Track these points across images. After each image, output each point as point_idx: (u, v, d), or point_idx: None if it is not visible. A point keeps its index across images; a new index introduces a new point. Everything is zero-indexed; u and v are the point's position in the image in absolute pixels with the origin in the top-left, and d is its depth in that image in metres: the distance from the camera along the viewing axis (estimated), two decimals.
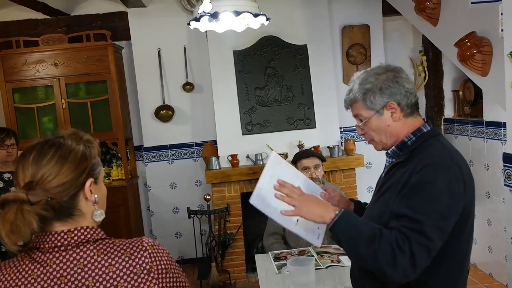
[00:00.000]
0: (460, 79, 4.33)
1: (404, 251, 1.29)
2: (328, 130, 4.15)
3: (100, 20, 4.41)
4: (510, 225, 2.32)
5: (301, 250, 2.69)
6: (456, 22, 3.14)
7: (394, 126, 1.49)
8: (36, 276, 0.94)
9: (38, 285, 0.94)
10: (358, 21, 4.41)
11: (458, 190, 1.35)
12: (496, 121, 3.57)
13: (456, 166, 1.38)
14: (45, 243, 0.97)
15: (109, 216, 4.16)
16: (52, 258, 0.96)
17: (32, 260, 0.96)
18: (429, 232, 1.30)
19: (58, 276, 0.94)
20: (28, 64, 4.09)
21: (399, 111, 1.47)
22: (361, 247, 1.34)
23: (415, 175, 1.36)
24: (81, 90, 4.24)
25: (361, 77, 1.52)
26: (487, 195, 3.74)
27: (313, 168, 2.90)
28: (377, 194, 1.55)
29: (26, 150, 1.03)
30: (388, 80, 1.47)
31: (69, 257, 0.96)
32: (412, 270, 1.30)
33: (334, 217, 1.39)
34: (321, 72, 4.15)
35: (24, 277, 0.94)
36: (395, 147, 1.52)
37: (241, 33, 2.98)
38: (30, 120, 4.15)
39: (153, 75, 4.40)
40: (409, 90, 1.48)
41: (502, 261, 3.57)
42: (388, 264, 1.30)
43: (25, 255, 0.97)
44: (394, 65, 1.53)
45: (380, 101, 1.48)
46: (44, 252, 0.96)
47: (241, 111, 4.09)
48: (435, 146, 1.44)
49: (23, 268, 0.95)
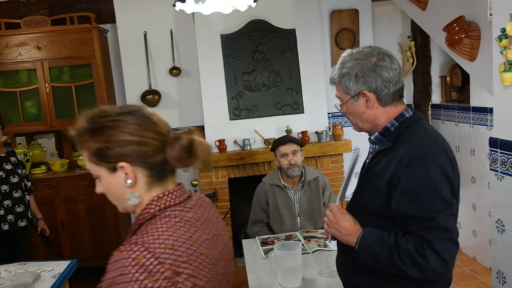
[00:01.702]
0: (447, 64, 4.34)
1: (426, 257, 1.30)
2: (316, 115, 4.13)
3: (84, 2, 4.30)
4: (494, 210, 2.34)
5: (288, 235, 2.70)
6: (444, 6, 3.13)
7: (369, 113, 1.48)
8: (196, 219, 1.07)
9: (202, 224, 1.08)
10: (347, 6, 4.37)
11: (450, 174, 1.38)
12: (482, 107, 3.59)
13: (443, 151, 1.40)
14: (180, 197, 1.09)
15: (96, 202, 4.11)
16: (193, 206, 1.11)
17: (184, 212, 1.07)
18: (444, 224, 1.32)
19: (205, 217, 1.12)
20: (10, 47, 3.99)
21: (374, 100, 1.45)
22: (386, 266, 1.38)
23: (405, 169, 1.34)
24: (65, 74, 4.15)
25: (342, 59, 1.49)
26: (472, 180, 3.78)
27: (291, 154, 2.88)
28: (363, 180, 1.54)
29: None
30: (366, 68, 1.42)
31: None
32: (444, 267, 1.32)
33: (356, 245, 1.43)
34: (310, 57, 4.12)
35: (190, 221, 1.05)
36: (378, 133, 1.50)
37: (229, 17, 2.94)
38: (13, 105, 4.06)
39: (139, 59, 4.33)
40: (389, 80, 1.42)
41: (486, 245, 3.62)
42: (415, 273, 1.33)
43: (173, 211, 1.05)
44: (381, 50, 1.46)
45: (354, 88, 1.45)
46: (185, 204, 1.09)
47: (228, 96, 4.05)
48: (418, 132, 1.43)
49: (186, 217, 1.06)
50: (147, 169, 1.04)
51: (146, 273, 0.91)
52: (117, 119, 1.03)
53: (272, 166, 3.94)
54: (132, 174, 1.03)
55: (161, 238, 0.97)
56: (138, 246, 0.94)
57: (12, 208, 3.15)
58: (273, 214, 2.94)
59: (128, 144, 1.02)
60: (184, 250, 0.98)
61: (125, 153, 1.02)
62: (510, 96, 2.15)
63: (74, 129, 1.06)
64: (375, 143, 1.54)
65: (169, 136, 1.06)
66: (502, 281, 2.29)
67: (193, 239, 1.02)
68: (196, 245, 1.01)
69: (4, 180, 3.12)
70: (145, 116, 1.06)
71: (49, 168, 4.30)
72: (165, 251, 0.95)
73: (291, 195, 2.93)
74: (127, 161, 1.02)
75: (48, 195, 3.96)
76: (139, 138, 1.02)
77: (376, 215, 1.43)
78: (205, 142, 1.08)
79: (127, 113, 1.04)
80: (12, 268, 2.33)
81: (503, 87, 2.17)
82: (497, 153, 2.29)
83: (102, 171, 1.05)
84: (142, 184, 1.05)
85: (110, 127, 1.02)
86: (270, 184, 2.97)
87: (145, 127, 1.03)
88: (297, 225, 2.90)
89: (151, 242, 0.95)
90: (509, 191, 2.22)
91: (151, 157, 1.03)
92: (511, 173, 2.20)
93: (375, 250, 1.38)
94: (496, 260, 2.35)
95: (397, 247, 1.34)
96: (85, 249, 4.08)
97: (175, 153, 1.04)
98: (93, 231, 4.10)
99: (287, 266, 2.00)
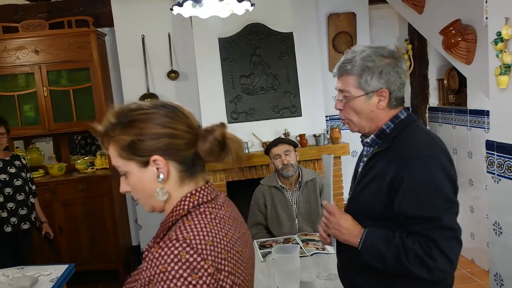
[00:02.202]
0: (445, 67, 4.35)
1: (432, 256, 1.30)
2: (314, 118, 4.14)
3: (82, 6, 4.31)
4: (492, 212, 2.35)
5: (287, 238, 2.70)
6: (441, 10, 3.15)
7: (376, 113, 1.45)
8: (228, 217, 1.05)
9: (234, 222, 1.06)
10: (344, 9, 4.39)
11: (451, 173, 1.39)
12: (479, 109, 3.60)
13: (442, 151, 1.41)
14: (211, 194, 1.06)
15: (94, 206, 4.12)
16: (223, 204, 1.09)
17: (215, 209, 1.04)
18: (449, 223, 1.33)
19: (234, 215, 1.11)
20: (7, 51, 3.99)
21: (387, 101, 1.43)
22: (392, 266, 1.37)
23: (407, 170, 1.34)
24: (63, 77, 4.15)
25: (365, 52, 1.42)
26: (470, 183, 3.79)
27: (284, 154, 2.90)
28: (360, 184, 1.51)
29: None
30: (390, 67, 1.41)
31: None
32: (449, 266, 1.33)
33: (359, 245, 1.42)
34: (307, 60, 4.13)
35: (223, 218, 1.03)
36: (374, 135, 1.48)
37: (226, 20, 2.95)
38: (10, 108, 4.06)
39: (137, 63, 4.34)
40: (403, 83, 1.44)
41: (484, 247, 3.63)
42: (423, 273, 1.33)
43: (208, 208, 1.02)
44: (398, 53, 1.47)
45: (374, 84, 1.41)
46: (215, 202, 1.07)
47: (226, 99, 4.06)
48: (415, 132, 1.43)
49: (220, 214, 1.03)
50: (179, 164, 1.01)
51: (190, 270, 0.88)
52: (149, 112, 1.01)
53: (270, 169, 3.94)
54: (165, 168, 1.00)
55: (201, 235, 0.94)
56: (180, 242, 0.91)
57: (15, 210, 3.16)
58: (271, 216, 2.94)
59: (161, 136, 0.99)
60: (222, 247, 0.96)
61: (158, 146, 0.99)
62: (506, 99, 2.16)
63: (103, 124, 1.02)
64: (370, 146, 1.52)
65: (201, 129, 1.04)
66: (500, 284, 2.30)
67: (228, 236, 1.00)
68: (232, 243, 0.99)
69: (7, 183, 3.14)
70: (176, 109, 1.04)
71: (47, 171, 4.29)
72: (207, 247, 0.92)
73: (288, 196, 2.94)
74: (159, 154, 0.99)
75: (46, 199, 3.95)
76: (172, 130, 1.00)
77: (377, 218, 1.42)
78: (236, 136, 1.06)
79: (158, 106, 1.02)
80: (10, 272, 2.33)
81: (499, 90, 2.19)
82: (494, 155, 2.30)
83: (132, 166, 1.01)
84: (174, 179, 1.02)
85: (141, 119, 1.00)
86: (268, 186, 2.98)
87: (177, 120, 1.01)
88: (296, 227, 2.90)
89: (192, 238, 0.92)
90: (506, 194, 2.23)
91: (183, 151, 1.01)
92: (507, 175, 2.21)
93: (380, 249, 1.37)
94: (493, 263, 2.35)
95: (404, 247, 1.33)
96: (83, 253, 4.07)
97: (208, 146, 1.01)
98: (91, 235, 4.09)
99: (285, 269, 2.00)
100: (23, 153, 4.24)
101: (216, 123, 1.05)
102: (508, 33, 2.07)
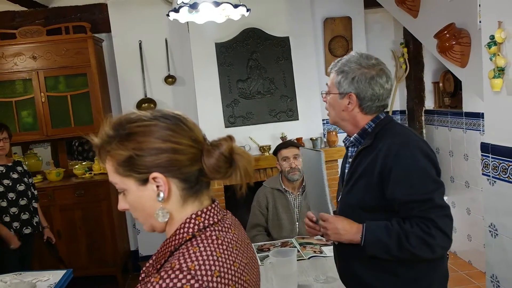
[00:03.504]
0: (440, 70, 4.38)
1: (432, 234, 1.41)
2: (310, 122, 4.16)
3: (79, 12, 4.33)
4: (487, 214, 2.37)
5: (284, 241, 2.71)
6: (435, 14, 3.17)
7: (347, 114, 1.59)
8: (235, 241, 0.96)
9: (241, 246, 0.97)
10: (339, 13, 4.42)
11: (433, 157, 1.50)
12: (475, 112, 3.63)
13: (421, 140, 1.55)
14: (218, 215, 0.98)
15: (92, 211, 4.10)
16: (231, 226, 1.00)
17: (222, 232, 0.95)
18: (440, 202, 1.44)
19: (242, 238, 1.01)
20: (5, 57, 4.00)
21: (356, 106, 1.56)
22: (397, 253, 1.45)
23: (393, 159, 1.45)
24: (61, 83, 4.16)
25: (348, 57, 1.59)
26: (466, 185, 3.81)
27: (292, 158, 2.92)
28: (349, 182, 1.59)
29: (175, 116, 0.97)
30: (363, 77, 1.54)
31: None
32: (447, 241, 1.44)
33: (361, 241, 1.49)
34: (303, 64, 4.16)
35: (231, 243, 0.95)
36: (357, 134, 1.61)
37: (223, 25, 2.97)
38: (8, 114, 4.06)
39: (135, 68, 4.35)
40: (377, 95, 1.55)
41: (481, 249, 3.64)
42: (426, 252, 1.43)
43: (214, 231, 0.94)
44: (383, 67, 1.57)
45: (344, 87, 1.56)
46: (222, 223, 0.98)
47: (223, 103, 4.07)
48: (395, 127, 1.57)
49: (228, 238, 0.95)
50: (182, 181, 0.92)
51: None
52: (149, 124, 0.91)
53: (267, 173, 3.96)
54: (165, 186, 0.90)
55: (207, 264, 0.84)
56: (184, 274, 0.81)
57: (18, 215, 3.17)
58: (272, 219, 2.95)
59: (161, 152, 0.89)
60: (230, 277, 0.87)
61: (158, 162, 0.89)
62: (500, 102, 2.18)
63: (99, 136, 0.93)
64: (355, 145, 1.63)
65: (206, 143, 0.95)
66: (496, 285, 2.31)
67: (236, 264, 0.90)
68: (240, 271, 0.90)
69: (11, 188, 3.15)
70: (179, 120, 0.94)
71: (45, 177, 4.30)
72: (213, 279, 0.83)
73: (291, 199, 2.95)
74: (160, 171, 0.90)
75: (44, 204, 3.94)
76: (174, 145, 0.90)
77: (372, 210, 1.51)
78: (246, 151, 0.97)
79: (159, 117, 0.93)
80: (8, 278, 2.33)
81: (493, 93, 2.21)
82: (489, 158, 2.32)
83: (130, 184, 0.92)
84: (176, 198, 0.93)
85: (141, 132, 0.90)
86: (270, 188, 2.99)
87: (180, 133, 0.91)
88: (296, 230, 2.91)
89: (197, 269, 0.83)
90: (501, 196, 2.25)
91: (186, 167, 0.91)
92: (502, 177, 2.23)
93: (382, 240, 1.45)
94: (490, 264, 2.37)
95: (404, 232, 1.43)
96: (81, 258, 4.07)
97: (213, 162, 0.92)
98: (89, 240, 4.10)
99: (282, 273, 2.01)
100: (21, 158, 4.24)
101: (223, 136, 0.96)
102: (501, 36, 2.09)
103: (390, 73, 1.59)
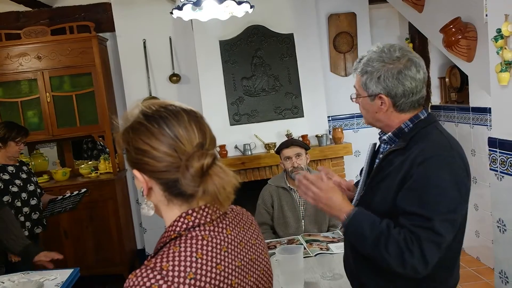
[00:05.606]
0: (446, 66, 4.35)
1: (412, 252, 1.29)
2: (316, 119, 4.15)
3: (83, 12, 4.34)
4: (495, 209, 2.34)
5: (290, 238, 2.70)
6: (441, 8, 3.14)
7: (382, 115, 1.46)
8: (228, 242, 0.95)
9: (236, 248, 0.96)
10: (344, 9, 4.40)
11: (462, 180, 1.35)
12: (481, 107, 3.59)
13: (458, 155, 1.38)
14: (213, 214, 0.96)
15: (99, 210, 4.10)
16: (228, 225, 0.99)
17: (212, 233, 0.94)
18: (438, 228, 1.29)
19: (241, 238, 1.00)
20: (10, 57, 4.02)
21: (390, 106, 1.43)
22: (368, 249, 1.36)
23: (418, 167, 1.33)
24: (66, 83, 4.18)
25: (370, 55, 1.44)
26: (474, 180, 3.78)
27: (295, 157, 2.90)
28: (374, 180, 1.50)
29: (175, 113, 0.96)
30: (389, 73, 1.39)
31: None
32: (423, 267, 1.30)
33: (345, 221, 1.41)
34: (308, 61, 4.14)
35: (220, 244, 0.93)
36: (391, 133, 1.48)
37: (227, 23, 2.96)
38: (14, 115, 4.08)
39: (139, 67, 4.36)
40: (410, 89, 1.40)
41: (489, 245, 3.61)
42: (396, 264, 1.31)
43: (202, 231, 0.92)
44: (410, 56, 1.41)
45: (373, 89, 1.43)
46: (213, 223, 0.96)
47: (228, 101, 4.07)
48: (434, 134, 1.41)
49: (217, 239, 0.94)
50: (161, 185, 0.93)
51: None
52: (143, 123, 0.93)
53: (273, 171, 3.95)
54: (144, 184, 0.94)
55: (182, 265, 0.85)
56: (155, 273, 0.83)
57: (29, 215, 3.19)
58: (277, 217, 2.95)
59: (140, 153, 0.91)
60: (208, 280, 0.86)
61: (135, 161, 0.93)
62: (507, 96, 2.16)
63: (123, 118, 0.98)
64: (388, 143, 1.52)
65: (186, 158, 0.90)
66: (505, 281, 2.29)
67: (221, 266, 0.89)
68: (224, 274, 0.89)
69: (22, 188, 3.17)
70: (170, 125, 0.92)
71: (51, 177, 4.31)
72: (185, 281, 0.83)
73: (296, 197, 2.94)
74: (138, 169, 0.94)
75: None
76: (150, 149, 0.90)
77: (387, 216, 1.40)
78: (227, 171, 0.93)
79: (151, 118, 0.93)
80: (15, 277, 2.34)
81: (500, 87, 2.18)
82: (496, 153, 2.30)
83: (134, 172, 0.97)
84: (160, 197, 0.94)
85: (135, 129, 0.93)
86: (275, 186, 2.99)
87: (160, 139, 0.90)
88: (302, 228, 2.90)
89: (170, 269, 0.83)
90: (509, 191, 2.22)
91: (163, 173, 0.91)
92: (510, 172, 2.20)
93: (363, 230, 1.36)
94: (498, 260, 2.35)
95: (387, 234, 1.32)
96: (88, 258, 4.09)
97: (185, 180, 0.89)
98: (96, 239, 4.11)
99: (289, 270, 2.00)
100: (28, 158, 4.26)
101: (206, 151, 0.92)
102: (508, 29, 2.06)
103: (419, 60, 1.42)
